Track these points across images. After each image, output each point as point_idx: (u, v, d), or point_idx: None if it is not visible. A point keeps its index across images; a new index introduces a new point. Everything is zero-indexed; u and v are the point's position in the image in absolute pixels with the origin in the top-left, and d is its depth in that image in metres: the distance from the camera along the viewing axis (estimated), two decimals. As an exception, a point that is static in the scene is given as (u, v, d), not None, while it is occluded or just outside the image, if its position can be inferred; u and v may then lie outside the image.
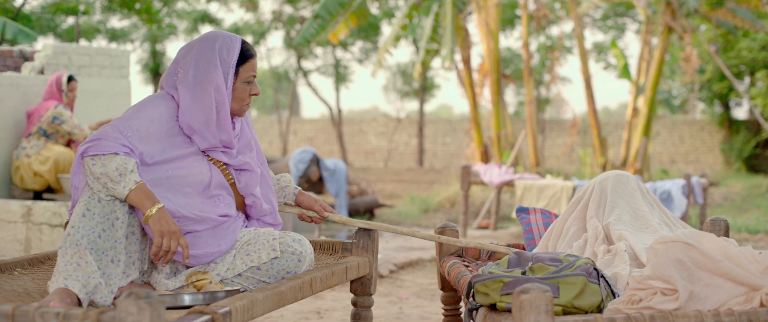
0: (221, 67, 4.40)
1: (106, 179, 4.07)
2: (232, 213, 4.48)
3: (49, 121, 9.80)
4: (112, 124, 4.23)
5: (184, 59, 4.45)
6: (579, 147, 33.09)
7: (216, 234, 4.37)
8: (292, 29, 35.88)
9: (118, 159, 4.08)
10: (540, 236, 5.23)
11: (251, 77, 4.50)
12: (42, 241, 9.09)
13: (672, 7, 20.62)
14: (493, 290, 3.74)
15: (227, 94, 4.41)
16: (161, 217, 4.11)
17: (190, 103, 4.37)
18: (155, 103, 4.39)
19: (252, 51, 4.51)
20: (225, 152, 4.50)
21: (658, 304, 3.59)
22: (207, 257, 4.32)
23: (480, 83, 21.83)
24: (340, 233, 14.73)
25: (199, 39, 4.49)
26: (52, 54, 10.60)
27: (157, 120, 4.33)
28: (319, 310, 8.22)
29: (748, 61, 27.73)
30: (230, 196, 4.51)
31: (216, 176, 4.44)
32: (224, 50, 4.43)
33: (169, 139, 4.35)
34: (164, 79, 4.48)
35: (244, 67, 4.47)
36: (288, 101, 40.94)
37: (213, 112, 4.38)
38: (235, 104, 4.49)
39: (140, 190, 4.10)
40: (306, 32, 19.31)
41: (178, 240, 4.14)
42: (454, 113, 74.74)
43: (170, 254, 4.13)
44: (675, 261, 3.67)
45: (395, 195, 22.64)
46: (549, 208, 12.85)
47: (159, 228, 4.10)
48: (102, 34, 33.13)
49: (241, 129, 4.64)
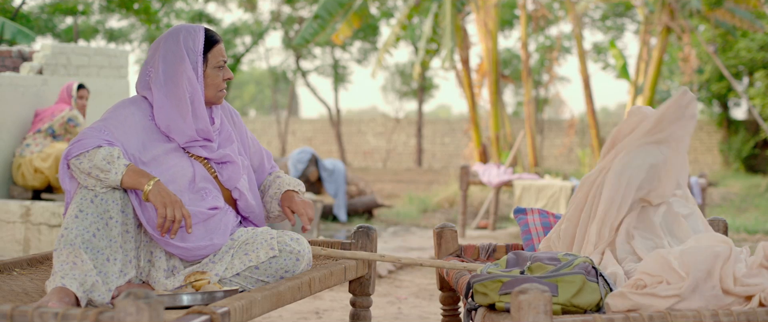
0: (188, 57, 4.42)
1: (96, 170, 4.08)
2: (221, 205, 4.47)
3: (64, 122, 9.87)
4: (92, 125, 4.28)
5: (152, 59, 4.47)
6: (577, 147, 33.12)
7: (207, 227, 4.36)
8: (290, 29, 35.90)
9: (102, 150, 4.11)
10: (538, 237, 5.22)
11: (221, 62, 4.51)
12: (41, 241, 9.09)
13: (671, 7, 20.63)
14: (491, 290, 3.73)
15: (199, 83, 4.43)
16: (160, 189, 4.13)
17: (164, 101, 4.39)
18: (126, 105, 4.42)
19: (217, 37, 4.53)
20: (204, 147, 4.50)
21: (662, 291, 3.60)
22: (200, 251, 4.32)
23: (479, 83, 21.84)
24: (339, 233, 14.72)
25: (163, 36, 4.51)
26: (51, 54, 10.60)
27: (130, 118, 4.35)
28: (318, 310, 8.22)
29: (746, 61, 27.73)
30: (216, 189, 4.50)
31: (199, 170, 4.45)
32: (189, 40, 4.44)
33: (146, 136, 4.37)
34: (137, 83, 4.51)
35: (211, 53, 4.48)
36: (287, 101, 40.98)
37: (187, 105, 4.39)
38: (209, 92, 4.50)
39: (132, 170, 4.13)
40: (305, 32, 19.32)
41: (181, 209, 4.15)
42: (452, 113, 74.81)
43: (177, 224, 4.14)
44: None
45: (394, 195, 22.63)
46: (548, 208, 12.86)
47: (161, 200, 4.11)
48: (100, 35, 33.18)
49: (222, 123, 4.64)
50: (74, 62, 10.86)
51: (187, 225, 4.18)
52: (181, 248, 4.28)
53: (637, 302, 3.62)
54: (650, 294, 3.62)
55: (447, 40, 19.43)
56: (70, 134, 9.95)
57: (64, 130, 9.91)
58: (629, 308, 3.62)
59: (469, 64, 21.46)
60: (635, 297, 3.63)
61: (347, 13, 19.51)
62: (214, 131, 4.54)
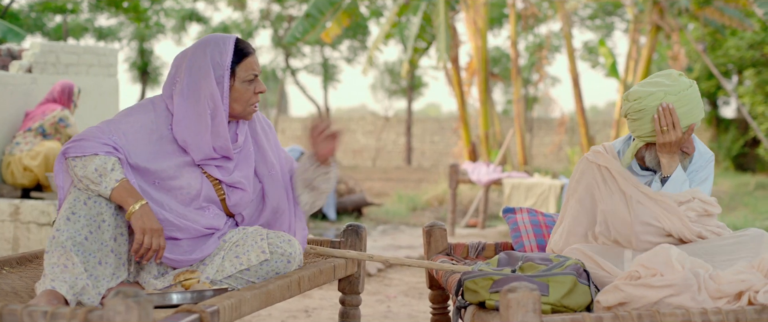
0: (214, 72, 4.26)
1: (87, 181, 4.05)
2: (220, 226, 4.41)
3: (55, 121, 9.83)
4: (99, 124, 4.21)
5: (179, 68, 4.34)
6: (567, 146, 33.11)
7: (197, 243, 4.33)
8: (280, 28, 35.91)
9: (97, 160, 4.05)
10: (527, 235, 5.24)
11: (251, 76, 4.34)
12: (30, 240, 9.07)
13: (660, 5, 20.64)
14: (482, 288, 3.74)
15: (224, 98, 4.28)
16: (144, 214, 4.07)
17: (183, 114, 4.28)
18: (146, 109, 4.33)
19: (248, 49, 4.37)
20: (219, 167, 4.39)
21: (655, 282, 3.61)
22: (186, 263, 4.30)
23: (468, 82, 21.82)
24: (329, 232, 14.72)
25: (193, 46, 4.39)
26: (40, 52, 10.58)
27: (147, 125, 4.26)
28: (307, 308, 8.22)
29: (736, 59, 27.77)
30: (219, 209, 4.44)
31: (206, 189, 4.36)
32: (216, 54, 4.29)
33: (160, 146, 4.27)
34: (164, 86, 4.39)
35: (240, 67, 4.32)
36: (276, 100, 40.93)
37: (207, 121, 4.27)
38: (238, 106, 4.35)
39: (122, 187, 4.06)
40: (295, 31, 19.30)
41: (159, 239, 4.10)
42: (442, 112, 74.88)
43: (151, 252, 4.10)
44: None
45: (383, 193, 22.63)
46: (537, 207, 12.87)
47: (141, 225, 4.06)
48: (90, 33, 33.13)
49: (245, 141, 4.50)
50: (63, 61, 10.83)
51: (158, 256, 4.13)
52: (169, 259, 4.26)
53: (630, 294, 3.63)
54: (643, 285, 3.63)
55: (441, 37, 19.42)
56: (61, 134, 9.93)
57: (54, 130, 9.88)
58: (621, 300, 3.63)
59: (459, 63, 21.45)
60: (628, 288, 3.64)
61: (337, 11, 19.49)
62: (235, 148, 4.43)
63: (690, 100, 4.46)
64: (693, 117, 4.47)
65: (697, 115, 4.49)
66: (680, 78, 4.50)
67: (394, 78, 42.80)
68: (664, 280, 3.62)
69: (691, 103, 4.46)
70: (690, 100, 4.46)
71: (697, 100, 4.49)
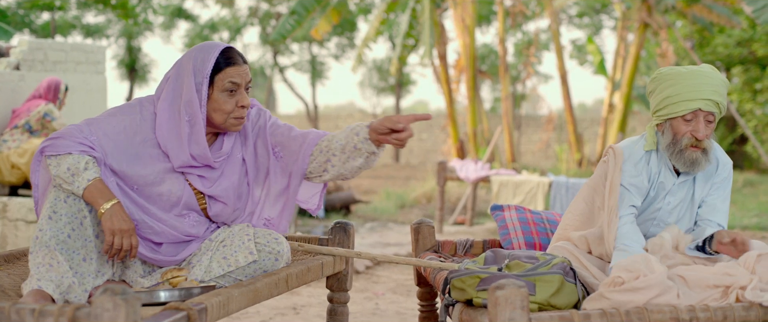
0: (194, 78, 4.19)
1: (60, 179, 4.02)
2: (200, 234, 4.37)
3: (40, 117, 9.81)
4: (80, 123, 4.17)
5: (171, 70, 4.30)
6: (555, 143, 33.17)
7: (178, 247, 4.31)
8: (268, 25, 35.90)
9: (70, 158, 4.02)
10: (515, 232, 5.25)
11: (231, 86, 4.21)
12: (18, 237, 9.06)
13: (648, 3, 20.67)
14: (469, 286, 3.74)
15: (202, 107, 4.20)
16: (113, 214, 4.02)
17: (165, 118, 4.22)
18: (132, 111, 4.28)
19: (234, 59, 4.24)
20: (201, 177, 4.31)
21: (640, 284, 3.61)
22: (171, 263, 4.29)
23: (456, 79, 21.84)
24: (316, 229, 14.71)
25: (189, 49, 4.32)
26: (28, 50, 10.56)
27: (130, 127, 4.22)
28: (296, 306, 8.22)
29: (723, 57, 27.82)
30: (200, 215, 4.39)
31: (187, 197, 4.30)
32: (199, 60, 4.21)
33: (142, 149, 4.22)
34: (157, 88, 4.33)
35: (219, 76, 4.19)
36: (264, 97, 40.90)
37: (183, 127, 4.20)
38: (217, 117, 4.24)
39: (94, 187, 4.02)
40: (282, 28, 19.30)
41: (130, 238, 4.06)
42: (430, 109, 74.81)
43: (123, 252, 4.06)
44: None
45: (371, 191, 22.64)
46: (525, 204, 12.88)
47: (110, 226, 4.01)
48: (77, 30, 33.07)
49: (232, 149, 4.42)
50: (51, 58, 10.82)
51: (132, 255, 4.09)
52: (152, 258, 4.26)
53: (616, 300, 3.62)
54: (628, 290, 3.63)
55: (426, 35, 19.44)
56: (46, 129, 9.91)
57: (40, 126, 9.87)
58: (607, 308, 3.63)
59: (447, 60, 21.47)
60: (613, 295, 3.64)
61: (325, 8, 19.50)
62: (220, 157, 4.35)
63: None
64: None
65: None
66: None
67: (382, 75, 42.80)
68: (648, 281, 3.63)
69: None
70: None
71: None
